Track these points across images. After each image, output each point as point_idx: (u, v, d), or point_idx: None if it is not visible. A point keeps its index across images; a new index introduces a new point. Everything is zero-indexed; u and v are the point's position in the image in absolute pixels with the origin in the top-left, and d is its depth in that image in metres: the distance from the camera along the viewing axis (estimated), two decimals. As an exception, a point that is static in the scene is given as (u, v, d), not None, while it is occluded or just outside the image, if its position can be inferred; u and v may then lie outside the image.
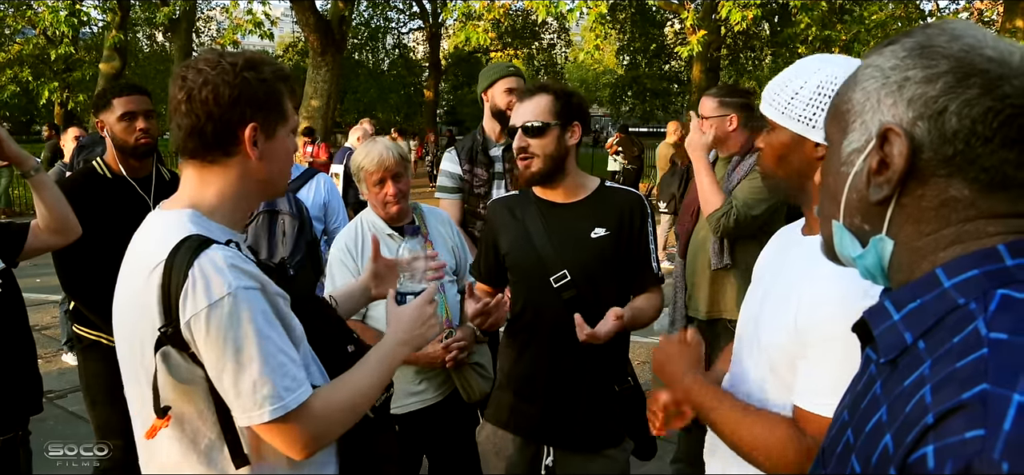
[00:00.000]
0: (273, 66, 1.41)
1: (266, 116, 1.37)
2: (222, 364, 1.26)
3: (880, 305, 0.80)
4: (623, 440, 2.24)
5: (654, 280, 2.22)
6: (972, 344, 0.66)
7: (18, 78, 19.90)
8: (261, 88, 1.36)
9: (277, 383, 1.26)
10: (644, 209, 2.19)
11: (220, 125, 1.33)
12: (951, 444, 0.61)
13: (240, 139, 1.35)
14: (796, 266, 1.40)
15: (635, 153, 15.48)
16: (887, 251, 0.81)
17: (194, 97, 1.33)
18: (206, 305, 1.23)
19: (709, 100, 3.08)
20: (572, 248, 2.14)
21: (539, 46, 33.45)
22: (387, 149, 2.59)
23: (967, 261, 0.74)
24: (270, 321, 1.29)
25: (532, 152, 2.10)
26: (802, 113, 1.38)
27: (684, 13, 13.02)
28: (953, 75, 0.74)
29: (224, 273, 1.25)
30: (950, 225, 0.76)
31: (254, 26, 15.49)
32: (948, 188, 0.75)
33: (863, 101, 0.81)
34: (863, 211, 0.82)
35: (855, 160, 0.81)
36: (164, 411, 1.29)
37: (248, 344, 1.25)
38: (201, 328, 1.24)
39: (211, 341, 1.25)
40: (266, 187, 1.45)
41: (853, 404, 0.83)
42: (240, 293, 1.25)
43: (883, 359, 0.77)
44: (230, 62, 1.35)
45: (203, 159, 1.37)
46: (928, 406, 0.65)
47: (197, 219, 1.35)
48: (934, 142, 0.74)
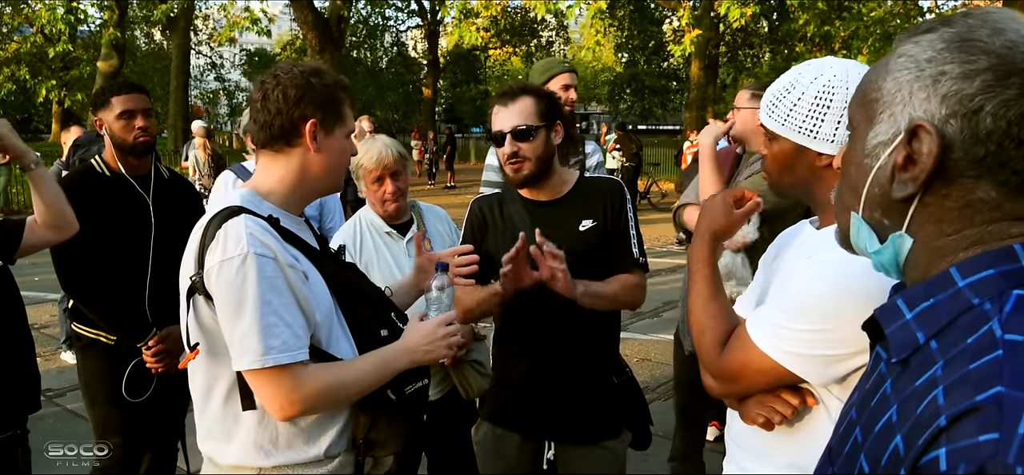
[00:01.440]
0: (335, 77, 1.66)
1: (325, 115, 1.59)
2: (224, 312, 1.46)
3: (892, 303, 0.78)
4: (621, 432, 2.25)
5: (632, 264, 2.18)
6: (987, 345, 0.65)
7: (16, 76, 19.85)
8: (323, 92, 1.59)
9: (263, 341, 1.44)
10: (623, 195, 2.21)
11: (286, 119, 1.57)
12: (964, 447, 0.59)
13: (301, 132, 1.58)
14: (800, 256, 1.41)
15: (633, 150, 15.50)
16: (905, 249, 0.78)
17: (268, 96, 1.58)
18: (220, 259, 1.45)
19: (744, 92, 3.08)
20: (563, 243, 2.13)
21: (537, 44, 33.43)
22: (386, 147, 2.59)
23: (983, 260, 0.72)
24: (275, 287, 1.46)
25: (524, 155, 2.10)
26: (803, 124, 1.37)
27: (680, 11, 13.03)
28: (992, 73, 0.70)
29: (242, 236, 1.45)
30: (973, 226, 0.73)
31: (251, 23, 15.49)
32: (975, 190, 0.72)
33: (894, 91, 0.77)
34: (884, 206, 0.79)
35: (880, 153, 0.78)
36: (194, 346, 1.54)
37: (247, 300, 1.44)
38: (213, 278, 1.46)
39: (219, 290, 1.46)
40: (323, 179, 1.66)
41: (862, 403, 0.81)
42: (251, 256, 1.44)
43: (894, 358, 0.76)
44: (299, 69, 1.60)
45: (271, 148, 1.61)
46: (941, 408, 0.63)
47: (251, 197, 1.58)
48: (966, 142, 0.71)
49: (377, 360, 1.60)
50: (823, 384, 1.32)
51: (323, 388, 1.51)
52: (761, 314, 1.36)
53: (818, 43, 15.20)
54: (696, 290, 1.49)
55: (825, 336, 1.25)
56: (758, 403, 1.40)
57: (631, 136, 16.07)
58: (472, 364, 2.61)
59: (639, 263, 2.19)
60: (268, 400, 1.49)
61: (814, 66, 1.41)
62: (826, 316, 1.25)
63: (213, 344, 1.54)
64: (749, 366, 1.35)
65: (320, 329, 1.55)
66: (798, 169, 1.41)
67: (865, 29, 13.55)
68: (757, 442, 1.45)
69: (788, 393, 1.36)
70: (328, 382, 1.52)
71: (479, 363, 2.63)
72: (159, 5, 16.47)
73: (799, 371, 1.30)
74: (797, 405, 1.35)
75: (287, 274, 1.48)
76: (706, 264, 1.50)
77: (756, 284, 1.59)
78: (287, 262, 1.49)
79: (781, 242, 1.58)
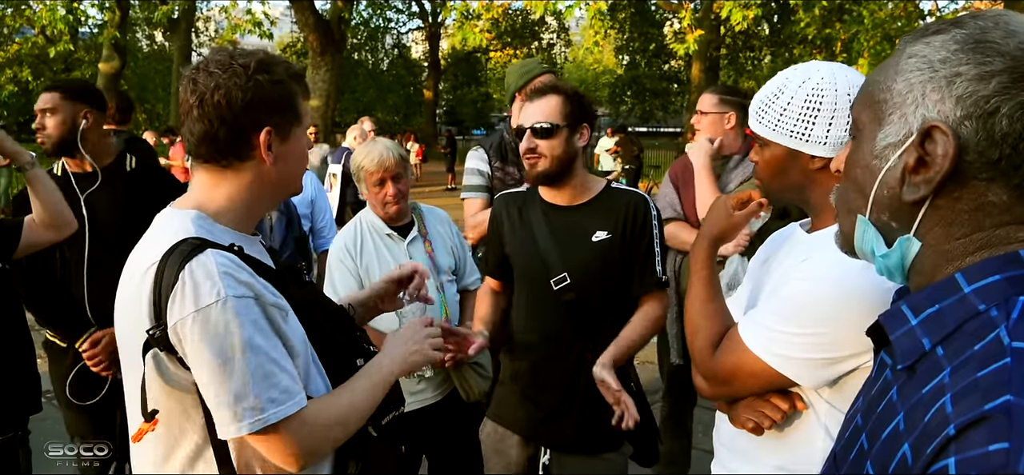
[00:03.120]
0: (285, 65, 1.37)
1: (280, 118, 1.33)
2: (205, 372, 1.21)
3: (896, 309, 0.77)
4: (622, 444, 2.23)
5: (656, 284, 2.15)
6: (994, 352, 0.64)
7: (17, 78, 19.86)
8: (275, 91, 1.32)
9: (261, 395, 1.21)
10: (648, 210, 2.16)
11: (233, 131, 1.29)
12: (974, 457, 0.59)
13: (254, 144, 1.31)
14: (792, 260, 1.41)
15: (634, 153, 15.51)
16: (913, 252, 0.77)
17: (206, 101, 1.28)
18: (193, 310, 1.19)
19: (709, 96, 3.08)
20: (574, 251, 2.12)
21: (538, 46, 33.45)
22: (387, 149, 2.59)
23: (990, 266, 0.71)
24: (262, 331, 1.23)
25: (540, 153, 2.09)
26: (794, 128, 1.38)
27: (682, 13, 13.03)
28: (1008, 75, 0.69)
29: (214, 279, 1.20)
30: (982, 230, 0.72)
31: (253, 26, 15.51)
32: (987, 193, 0.71)
33: (905, 92, 0.76)
34: (893, 209, 0.78)
35: (890, 155, 0.77)
36: (151, 415, 1.26)
37: (235, 353, 1.20)
38: (186, 333, 1.19)
39: (196, 347, 1.19)
40: (279, 189, 1.42)
41: (867, 409, 0.80)
42: (231, 301, 1.20)
43: (900, 365, 0.75)
44: (242, 64, 1.30)
45: (216, 164, 1.33)
46: (949, 416, 0.63)
47: (200, 221, 1.30)
48: (981, 144, 0.70)
49: (368, 375, 1.43)
50: (815, 388, 1.32)
51: (334, 421, 1.32)
52: (754, 317, 1.37)
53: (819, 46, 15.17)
54: (693, 292, 1.50)
55: (818, 339, 1.26)
56: (747, 407, 1.40)
57: (632, 138, 16.08)
58: (473, 366, 2.61)
59: (661, 282, 2.15)
60: (281, 458, 1.27)
61: (801, 70, 1.42)
62: (821, 319, 1.25)
63: (175, 405, 1.28)
64: (742, 368, 1.35)
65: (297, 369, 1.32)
66: (791, 173, 1.41)
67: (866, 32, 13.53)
68: (745, 445, 1.45)
69: (777, 398, 1.36)
70: (335, 413, 1.33)
71: (480, 365, 2.63)
72: (160, 6, 16.48)
73: (792, 375, 1.30)
74: (787, 410, 1.35)
75: (271, 315, 1.26)
76: (705, 266, 1.51)
77: (745, 287, 1.59)
78: (269, 301, 1.26)
79: (771, 245, 1.58)
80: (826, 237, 1.33)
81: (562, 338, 2.14)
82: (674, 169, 3.24)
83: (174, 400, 1.28)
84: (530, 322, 2.23)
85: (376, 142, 2.66)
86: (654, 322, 2.16)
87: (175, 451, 1.30)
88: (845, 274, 1.19)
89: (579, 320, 2.13)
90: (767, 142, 1.42)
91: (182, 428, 1.29)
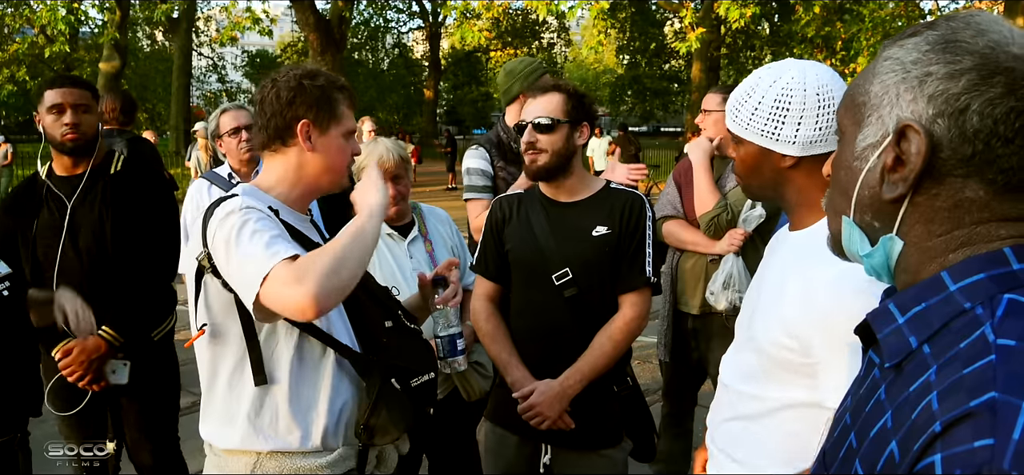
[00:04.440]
0: (331, 77, 1.70)
1: (318, 114, 1.63)
2: (224, 255, 1.48)
3: (884, 308, 0.79)
4: (621, 440, 2.24)
5: (642, 282, 2.15)
6: (980, 350, 0.65)
7: (16, 78, 19.86)
8: (315, 92, 1.63)
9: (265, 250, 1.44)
10: (643, 209, 2.18)
11: (280, 120, 1.62)
12: (959, 453, 0.60)
13: (295, 132, 1.63)
14: (784, 262, 1.42)
15: (632, 151, 15.50)
16: (896, 251, 0.79)
17: (265, 99, 1.64)
18: (220, 219, 1.50)
19: (714, 95, 3.08)
20: (574, 246, 2.14)
21: (539, 45, 33.46)
22: (387, 150, 2.59)
23: (974, 264, 0.72)
24: (269, 225, 1.50)
25: (540, 147, 2.13)
26: (764, 127, 1.40)
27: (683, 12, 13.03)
28: (977, 72, 0.71)
29: (237, 203, 1.52)
30: (962, 227, 0.74)
31: (252, 23, 15.53)
32: (964, 189, 0.73)
33: (881, 94, 0.78)
34: (875, 208, 0.80)
35: (869, 155, 0.79)
36: (201, 327, 1.59)
37: (244, 232, 1.47)
38: (212, 236, 1.50)
39: (219, 242, 1.49)
40: (322, 176, 1.69)
41: (855, 408, 0.81)
42: (246, 210, 1.50)
43: (887, 363, 0.76)
44: (294, 72, 1.66)
45: (270, 148, 1.67)
46: (935, 413, 0.64)
47: (251, 190, 1.63)
48: (953, 141, 0.72)
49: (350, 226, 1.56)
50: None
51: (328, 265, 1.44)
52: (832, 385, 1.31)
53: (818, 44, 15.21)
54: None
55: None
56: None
57: (630, 137, 16.08)
58: (473, 365, 2.61)
59: (649, 281, 2.16)
60: (287, 300, 1.41)
61: (773, 69, 1.44)
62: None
63: (218, 325, 1.59)
64: None
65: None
66: (764, 171, 1.44)
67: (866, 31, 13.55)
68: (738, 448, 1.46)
69: None
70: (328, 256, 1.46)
71: (481, 364, 2.64)
72: (160, 5, 16.49)
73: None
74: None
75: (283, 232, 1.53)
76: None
77: (750, 295, 1.59)
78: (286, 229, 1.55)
79: (770, 246, 1.59)
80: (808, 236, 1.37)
81: (563, 333, 2.15)
82: (678, 169, 3.26)
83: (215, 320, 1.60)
84: (531, 319, 2.23)
85: (376, 142, 2.66)
86: (630, 327, 2.15)
87: (220, 365, 1.62)
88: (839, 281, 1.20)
89: (581, 315, 2.14)
90: (741, 141, 1.45)
91: (223, 347, 1.61)
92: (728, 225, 2.85)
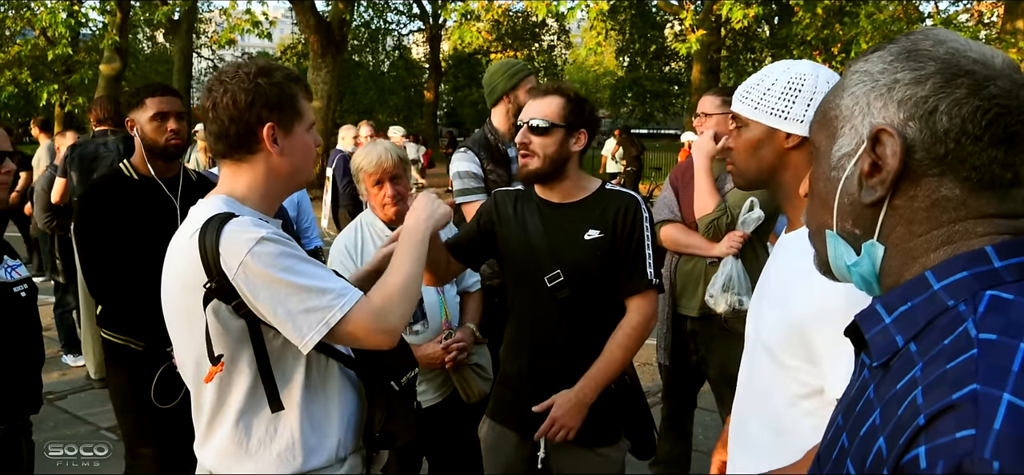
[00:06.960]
0: (284, 70, 1.60)
1: (281, 115, 1.55)
2: (271, 295, 1.42)
3: (871, 309, 0.81)
4: (619, 438, 2.24)
5: (644, 285, 2.15)
6: (962, 345, 0.67)
7: (17, 80, 19.85)
8: (274, 91, 1.54)
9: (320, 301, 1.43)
10: (639, 211, 2.17)
11: (241, 126, 1.52)
12: (942, 444, 0.61)
13: (260, 137, 1.53)
14: (786, 264, 1.44)
15: (634, 154, 15.47)
16: (879, 256, 0.81)
17: (218, 105, 1.53)
18: (245, 254, 1.41)
19: (711, 98, 3.08)
20: (566, 249, 2.13)
21: (539, 47, 33.46)
22: (386, 151, 2.60)
23: (956, 263, 0.74)
24: (298, 256, 1.47)
25: (533, 150, 2.10)
26: (775, 106, 1.44)
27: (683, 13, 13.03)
28: (941, 76, 0.75)
29: (248, 228, 1.44)
30: (941, 226, 0.76)
31: (252, 25, 15.54)
32: (940, 187, 0.76)
33: (852, 106, 0.81)
34: (855, 215, 0.82)
35: (846, 164, 0.82)
36: (218, 358, 1.48)
37: (289, 273, 1.42)
38: (244, 278, 1.42)
39: (254, 283, 1.42)
40: (291, 178, 1.63)
41: (847, 408, 0.83)
42: (269, 239, 1.43)
43: (875, 362, 0.78)
44: (245, 71, 1.54)
45: (232, 158, 1.56)
46: (920, 407, 0.65)
47: (229, 202, 1.54)
48: (926, 141, 0.75)
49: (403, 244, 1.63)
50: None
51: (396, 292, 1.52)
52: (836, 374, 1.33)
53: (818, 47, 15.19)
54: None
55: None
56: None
57: (632, 139, 16.02)
58: (473, 367, 2.62)
59: (651, 283, 2.15)
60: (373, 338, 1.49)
61: (786, 63, 1.51)
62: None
63: (231, 353, 1.51)
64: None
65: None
66: (764, 154, 1.47)
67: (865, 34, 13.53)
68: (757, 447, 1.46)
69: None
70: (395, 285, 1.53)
71: (480, 366, 2.64)
72: (161, 5, 16.50)
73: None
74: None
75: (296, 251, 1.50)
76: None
77: (756, 298, 1.60)
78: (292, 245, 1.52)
79: (774, 252, 1.61)
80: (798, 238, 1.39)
81: (557, 335, 2.15)
82: (675, 173, 3.26)
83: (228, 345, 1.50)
84: (526, 319, 2.23)
85: (376, 143, 2.68)
86: (633, 333, 2.14)
87: (228, 397, 1.54)
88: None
89: (573, 318, 2.14)
90: (746, 122, 1.49)
91: (234, 376, 1.52)
92: (727, 228, 2.85)
